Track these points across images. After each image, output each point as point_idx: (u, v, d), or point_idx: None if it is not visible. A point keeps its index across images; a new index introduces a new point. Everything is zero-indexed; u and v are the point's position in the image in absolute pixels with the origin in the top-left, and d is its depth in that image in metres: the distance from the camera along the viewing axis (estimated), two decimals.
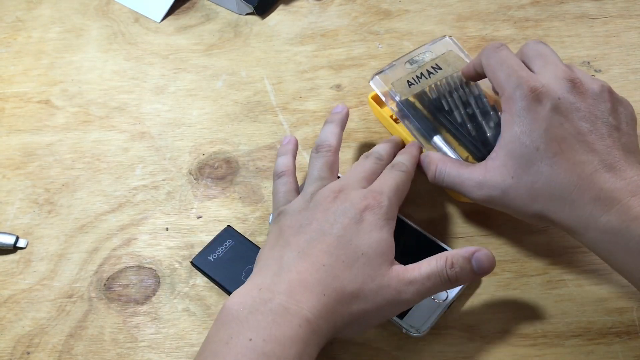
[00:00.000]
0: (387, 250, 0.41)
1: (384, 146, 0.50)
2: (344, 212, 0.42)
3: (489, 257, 0.41)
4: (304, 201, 0.44)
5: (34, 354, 0.46)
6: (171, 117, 0.60)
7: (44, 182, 0.56)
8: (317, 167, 0.47)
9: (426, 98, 0.52)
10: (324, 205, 0.43)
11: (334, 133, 0.49)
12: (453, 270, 0.40)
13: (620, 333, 0.44)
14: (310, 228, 0.42)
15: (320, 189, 0.45)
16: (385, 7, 0.68)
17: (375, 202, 0.43)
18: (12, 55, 0.66)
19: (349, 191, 0.44)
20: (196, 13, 0.69)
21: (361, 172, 0.46)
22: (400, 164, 0.47)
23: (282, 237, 0.42)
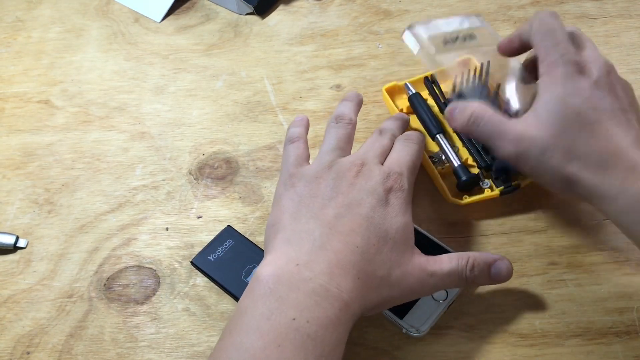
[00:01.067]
0: (410, 236, 0.42)
1: (396, 123, 0.50)
2: (371, 192, 0.42)
3: (508, 268, 0.43)
4: (322, 168, 0.44)
5: (34, 354, 0.46)
6: (171, 117, 0.60)
7: (44, 182, 0.56)
8: (336, 136, 0.46)
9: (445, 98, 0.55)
10: (347, 178, 0.43)
11: (352, 109, 0.49)
12: (472, 273, 0.41)
13: (620, 333, 0.44)
14: (337, 202, 0.42)
15: (341, 160, 0.44)
16: (385, 7, 0.68)
17: (398, 185, 0.43)
18: (12, 55, 0.66)
19: (372, 166, 0.44)
20: (196, 13, 0.69)
21: (379, 148, 0.46)
22: (413, 136, 0.48)
23: (305, 207, 0.42)
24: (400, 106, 0.57)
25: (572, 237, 0.49)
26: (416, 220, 0.50)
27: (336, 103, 0.59)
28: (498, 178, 0.50)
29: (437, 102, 0.56)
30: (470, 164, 0.52)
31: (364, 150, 0.46)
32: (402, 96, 0.58)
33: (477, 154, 0.52)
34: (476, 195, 0.50)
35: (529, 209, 0.51)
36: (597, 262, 0.48)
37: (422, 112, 0.55)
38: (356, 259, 0.39)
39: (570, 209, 0.50)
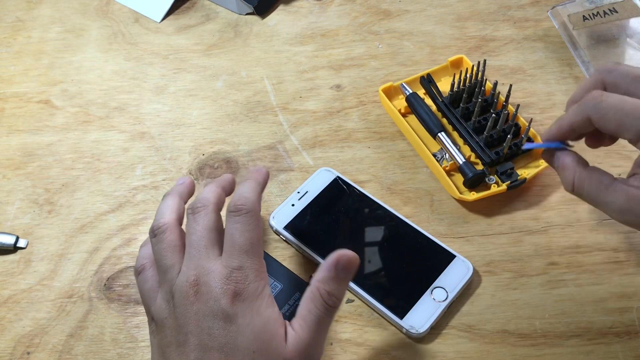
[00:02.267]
0: (275, 328, 0.38)
1: (209, 189, 0.43)
2: (215, 315, 0.37)
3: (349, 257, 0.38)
4: (167, 303, 0.39)
5: (34, 354, 0.46)
6: (171, 117, 0.60)
7: (44, 182, 0.56)
8: (160, 255, 0.41)
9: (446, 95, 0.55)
10: (188, 309, 0.38)
11: (169, 207, 0.43)
12: (332, 299, 0.38)
13: (620, 333, 0.44)
14: (191, 346, 0.37)
15: (174, 283, 0.39)
16: (385, 7, 0.68)
17: (239, 285, 0.38)
18: (12, 55, 0.66)
19: (205, 278, 0.38)
20: (196, 13, 0.69)
21: (203, 237, 0.40)
22: (240, 204, 0.40)
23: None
24: (398, 107, 0.57)
25: (572, 237, 0.49)
26: (416, 220, 0.50)
27: (336, 103, 0.59)
28: (503, 173, 0.51)
29: (435, 101, 0.56)
30: (473, 161, 0.53)
31: (191, 252, 0.40)
32: (398, 96, 0.58)
33: (480, 150, 0.52)
34: (483, 192, 0.50)
35: (529, 209, 0.51)
36: (597, 262, 0.48)
37: (422, 112, 0.55)
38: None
39: (570, 209, 0.50)
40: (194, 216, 0.41)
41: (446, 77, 0.59)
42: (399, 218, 0.50)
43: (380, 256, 0.48)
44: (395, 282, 0.46)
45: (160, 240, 0.41)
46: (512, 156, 0.52)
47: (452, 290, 0.46)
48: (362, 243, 0.49)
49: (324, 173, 0.53)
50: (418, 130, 0.55)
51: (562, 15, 0.59)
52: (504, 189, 0.50)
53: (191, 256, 0.39)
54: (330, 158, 0.55)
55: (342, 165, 0.54)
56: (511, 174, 0.51)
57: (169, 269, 0.40)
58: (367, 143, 0.56)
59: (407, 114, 0.57)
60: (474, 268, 0.47)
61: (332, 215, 0.50)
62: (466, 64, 0.59)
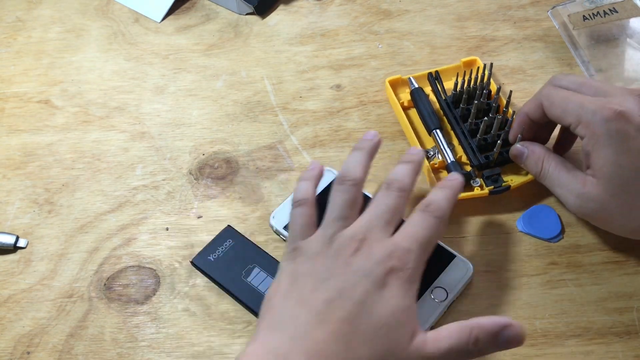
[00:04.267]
0: (409, 320, 0.38)
1: (404, 172, 0.44)
2: (367, 274, 0.38)
3: (518, 335, 0.37)
4: (323, 243, 0.41)
5: (34, 354, 0.46)
6: (171, 117, 0.60)
7: (44, 182, 0.56)
8: (338, 203, 0.43)
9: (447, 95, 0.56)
10: (344, 257, 0.39)
11: (360, 163, 0.45)
12: (476, 347, 0.37)
13: (620, 333, 0.44)
14: (330, 285, 0.38)
15: (340, 232, 0.41)
16: (385, 7, 0.68)
17: (400, 263, 0.39)
18: (12, 55, 0.66)
19: (372, 242, 0.40)
20: (196, 13, 0.69)
21: (385, 213, 0.42)
22: (436, 207, 0.42)
23: (297, 287, 0.39)
24: (402, 99, 0.57)
25: (572, 237, 0.49)
26: None
27: (336, 103, 0.59)
28: (489, 177, 0.51)
29: (438, 99, 0.56)
30: (463, 162, 0.53)
31: (368, 218, 0.42)
32: (404, 90, 0.59)
33: (471, 153, 0.52)
34: (465, 193, 0.50)
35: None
36: (597, 262, 0.48)
37: (422, 107, 0.55)
38: (340, 349, 0.36)
39: None
40: (387, 192, 0.43)
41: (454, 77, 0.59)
42: None
43: None
44: None
45: (346, 191, 0.43)
46: (504, 162, 0.52)
47: (452, 290, 0.46)
48: None
49: (324, 173, 0.53)
50: (418, 126, 0.55)
51: (562, 15, 0.59)
52: (486, 193, 0.50)
53: (367, 221, 0.41)
54: (330, 158, 0.55)
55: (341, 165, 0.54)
56: (497, 179, 0.51)
57: (340, 219, 0.42)
58: None
59: (409, 108, 0.57)
60: (474, 268, 0.47)
61: None
62: (479, 64, 0.58)
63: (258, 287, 0.47)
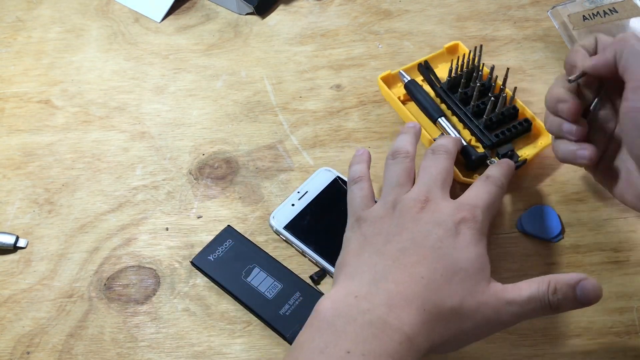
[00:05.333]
0: (485, 267, 0.39)
1: (446, 140, 0.47)
2: (438, 223, 0.40)
3: (595, 287, 0.37)
4: (385, 208, 0.42)
5: (34, 354, 0.46)
6: (171, 117, 0.60)
7: (44, 182, 0.56)
8: (395, 173, 0.45)
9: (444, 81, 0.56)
10: (412, 214, 0.41)
11: (409, 141, 0.47)
12: (555, 297, 0.38)
13: (620, 333, 0.44)
14: (402, 237, 0.40)
15: (402, 196, 0.43)
16: (385, 7, 0.68)
17: (470, 215, 0.41)
18: (12, 55, 0.66)
19: (438, 201, 0.42)
20: (196, 13, 0.69)
21: (439, 174, 0.44)
22: (496, 177, 0.45)
23: (369, 245, 0.40)
24: (397, 94, 0.57)
25: (572, 237, 0.49)
26: None
27: (336, 103, 0.59)
28: (505, 155, 0.51)
29: (433, 87, 0.57)
30: (474, 145, 0.53)
31: (425, 181, 0.43)
32: (397, 84, 0.59)
33: (480, 134, 0.53)
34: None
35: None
36: (597, 262, 0.48)
37: (421, 98, 0.56)
38: (420, 290, 0.37)
39: (570, 209, 0.50)
40: (435, 155, 0.45)
41: (442, 64, 0.60)
42: None
43: None
44: None
45: (400, 162, 0.45)
46: (511, 138, 0.53)
47: None
48: None
49: (324, 173, 0.53)
50: (417, 117, 0.55)
51: (562, 15, 0.59)
52: None
53: (424, 183, 0.43)
54: (330, 158, 0.55)
55: (342, 165, 0.54)
56: (512, 155, 0.51)
57: (399, 186, 0.43)
58: (367, 143, 0.56)
59: (406, 102, 0.57)
60: None
61: (332, 215, 0.50)
62: (462, 50, 0.60)
63: (258, 287, 0.47)
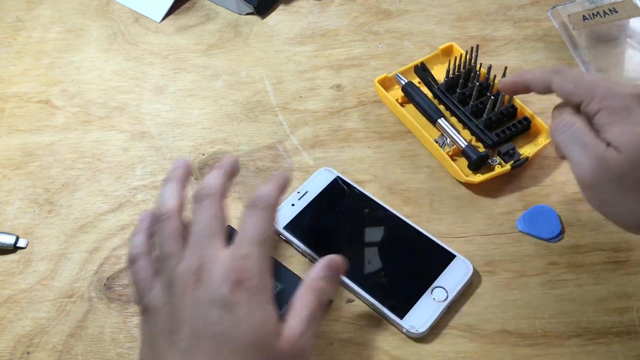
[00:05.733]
0: (272, 325, 0.37)
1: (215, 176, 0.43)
2: (213, 302, 0.36)
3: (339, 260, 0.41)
4: (164, 291, 0.38)
5: (34, 354, 0.46)
6: (171, 117, 0.60)
7: (44, 182, 0.56)
8: (161, 243, 0.40)
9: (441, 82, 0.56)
10: (189, 295, 0.37)
11: (173, 194, 0.42)
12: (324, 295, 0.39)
13: (620, 333, 0.44)
14: (182, 333, 0.36)
15: (175, 270, 0.38)
16: (385, 7, 0.68)
17: (243, 275, 0.37)
18: (12, 55, 0.66)
19: (209, 265, 0.37)
20: (196, 13, 0.69)
21: (206, 227, 0.39)
22: (261, 200, 0.40)
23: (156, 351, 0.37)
24: (394, 97, 0.57)
25: (572, 237, 0.49)
26: (416, 220, 0.50)
27: (336, 103, 0.59)
28: (506, 154, 0.52)
29: (431, 89, 0.57)
30: (475, 144, 0.53)
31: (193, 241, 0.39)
32: (395, 87, 0.59)
33: (481, 133, 0.53)
34: (488, 173, 0.51)
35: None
36: (597, 262, 0.48)
37: (420, 100, 0.56)
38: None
39: (570, 209, 0.50)
40: (199, 204, 0.40)
41: (438, 65, 0.60)
42: (399, 218, 0.50)
43: (380, 256, 0.48)
44: (395, 282, 0.46)
45: (163, 228, 0.40)
46: (512, 137, 0.53)
47: (452, 290, 0.46)
48: (362, 243, 0.49)
49: (324, 173, 0.53)
50: (416, 119, 0.55)
51: (562, 15, 0.59)
52: (508, 169, 0.51)
53: (195, 244, 0.39)
54: (330, 158, 0.55)
55: (342, 165, 0.54)
56: (513, 153, 0.52)
57: (170, 257, 0.39)
58: (367, 143, 0.56)
59: (404, 104, 0.57)
60: (474, 268, 0.47)
61: (332, 215, 0.50)
62: (457, 51, 0.60)
63: None
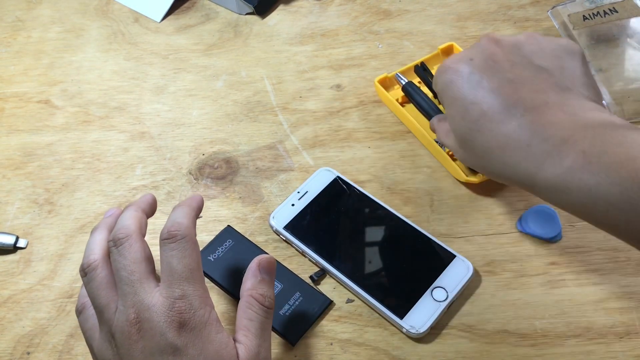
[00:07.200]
0: (228, 351, 0.36)
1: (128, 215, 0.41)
2: (162, 350, 0.35)
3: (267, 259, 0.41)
4: (108, 345, 0.37)
5: (34, 354, 0.46)
6: (171, 117, 0.60)
7: (44, 182, 0.56)
8: (93, 294, 0.39)
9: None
10: (133, 348, 0.36)
11: (96, 243, 0.41)
12: (267, 300, 0.39)
13: (620, 333, 0.44)
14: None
15: (114, 322, 0.37)
16: (385, 7, 0.68)
17: (184, 315, 0.36)
18: (12, 55, 0.66)
19: (147, 314, 0.36)
20: (196, 13, 0.69)
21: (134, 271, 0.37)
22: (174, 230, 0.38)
23: None
24: (395, 97, 0.57)
25: (572, 237, 0.49)
26: (416, 220, 0.50)
27: (336, 103, 0.59)
28: None
29: (431, 89, 0.57)
30: None
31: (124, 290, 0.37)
32: (395, 86, 0.59)
33: None
34: None
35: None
36: (597, 262, 0.48)
37: (419, 99, 0.56)
38: None
39: None
40: (118, 249, 0.38)
41: (438, 65, 0.60)
42: (399, 218, 0.50)
43: (380, 256, 0.48)
44: (395, 282, 0.46)
45: (92, 279, 0.39)
46: None
47: (452, 290, 0.46)
48: (362, 243, 0.49)
49: (324, 173, 0.53)
50: (417, 119, 0.55)
51: (562, 15, 0.59)
52: None
53: (125, 293, 0.37)
54: (330, 158, 0.55)
55: (342, 165, 0.54)
56: None
57: (104, 309, 0.38)
58: (367, 143, 0.56)
59: (404, 104, 0.57)
60: (474, 268, 0.47)
61: (332, 215, 0.50)
62: (457, 51, 0.60)
63: None
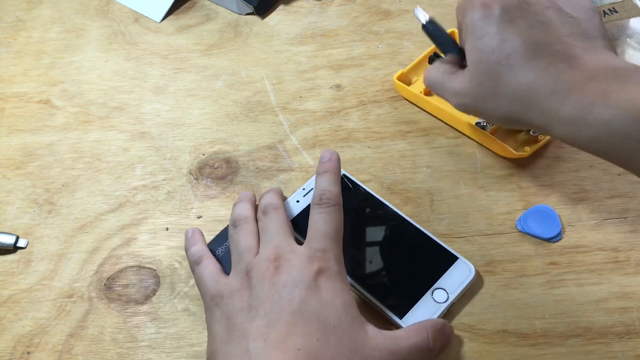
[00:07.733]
0: (355, 316, 0.38)
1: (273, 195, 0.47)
2: (296, 283, 0.38)
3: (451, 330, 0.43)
4: (240, 278, 0.40)
5: (34, 354, 0.46)
6: (171, 117, 0.60)
7: (44, 182, 0.56)
8: (239, 239, 0.43)
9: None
10: (268, 279, 0.39)
11: (247, 208, 0.47)
12: (436, 344, 0.40)
13: (620, 333, 0.44)
14: (265, 309, 0.37)
15: (252, 261, 0.41)
16: (385, 7, 0.68)
17: (323, 264, 0.39)
18: (12, 55, 0.66)
19: (287, 255, 0.40)
20: (196, 13, 0.69)
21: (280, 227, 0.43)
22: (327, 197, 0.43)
23: (234, 327, 0.38)
24: (417, 90, 0.57)
25: (572, 237, 0.49)
26: (416, 220, 0.50)
27: (336, 103, 0.59)
28: None
29: None
30: None
31: (268, 238, 0.42)
32: (413, 80, 0.59)
33: None
34: (535, 145, 0.52)
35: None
36: (597, 262, 0.48)
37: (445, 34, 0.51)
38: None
39: (570, 209, 0.50)
40: (266, 215, 0.44)
41: None
42: (402, 218, 0.50)
43: (382, 255, 0.48)
44: (396, 282, 0.46)
45: (241, 228, 0.44)
46: None
47: (453, 292, 0.46)
48: (364, 241, 0.49)
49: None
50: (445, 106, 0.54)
51: None
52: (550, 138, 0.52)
53: (269, 239, 0.42)
54: None
55: (342, 165, 0.54)
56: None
57: (246, 251, 0.42)
58: (367, 143, 0.56)
59: (428, 95, 0.57)
60: (476, 270, 0.47)
61: None
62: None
63: None
